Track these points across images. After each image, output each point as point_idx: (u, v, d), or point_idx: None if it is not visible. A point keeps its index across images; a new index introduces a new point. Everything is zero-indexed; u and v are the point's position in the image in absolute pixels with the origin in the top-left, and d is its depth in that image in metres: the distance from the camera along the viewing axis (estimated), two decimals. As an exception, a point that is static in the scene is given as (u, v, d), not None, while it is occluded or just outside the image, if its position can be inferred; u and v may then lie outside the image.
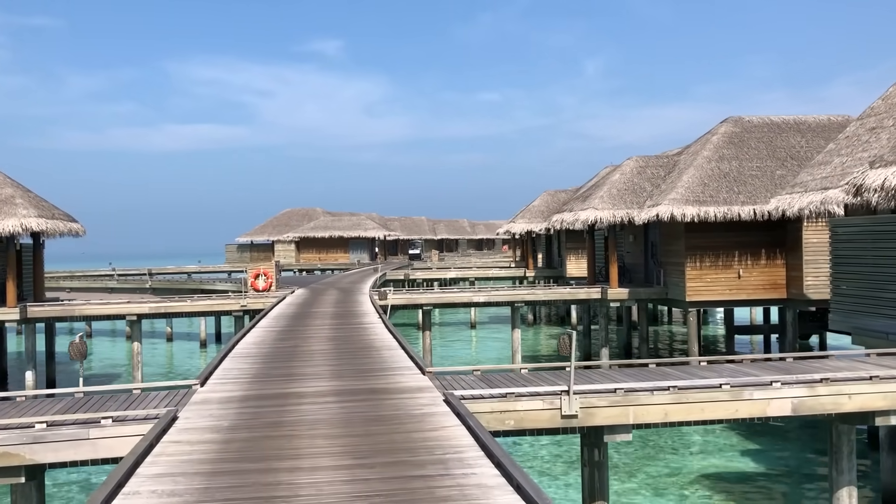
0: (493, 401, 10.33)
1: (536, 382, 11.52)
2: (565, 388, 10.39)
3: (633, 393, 10.54)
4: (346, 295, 31.13)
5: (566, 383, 10.57)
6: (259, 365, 13.63)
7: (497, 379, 11.99)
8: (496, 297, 30.89)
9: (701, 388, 10.68)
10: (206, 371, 12.54)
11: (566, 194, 51.77)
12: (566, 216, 31.67)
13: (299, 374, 12.60)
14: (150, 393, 11.60)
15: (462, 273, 51.42)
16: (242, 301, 29.78)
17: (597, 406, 10.39)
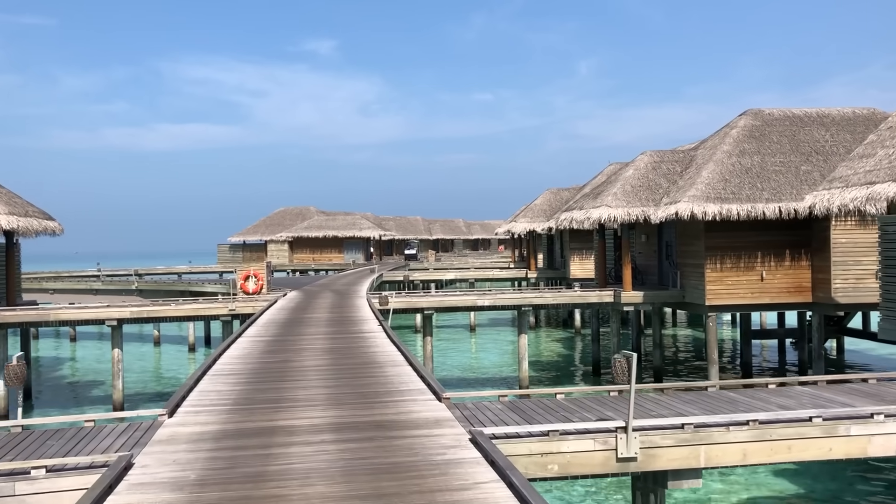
0: (531, 440, 8.21)
1: (577, 412, 9.41)
2: (621, 423, 8.27)
3: (705, 429, 8.43)
4: (342, 298, 28.97)
5: (619, 414, 8.46)
6: (243, 386, 11.46)
7: (530, 408, 9.87)
8: (502, 301, 28.77)
9: (787, 423, 8.58)
10: (178, 396, 10.37)
11: (569, 192, 49.70)
12: (576, 214, 29.55)
13: (290, 399, 10.45)
14: (107, 426, 9.43)
15: (461, 274, 49.30)
16: (231, 305, 27.59)
17: (660, 446, 8.30)
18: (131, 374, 36.27)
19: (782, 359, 37.17)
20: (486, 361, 37.79)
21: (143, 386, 33.11)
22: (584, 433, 8.38)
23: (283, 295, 30.52)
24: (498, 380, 32.38)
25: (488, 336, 46.81)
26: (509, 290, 32.13)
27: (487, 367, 35.83)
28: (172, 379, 34.68)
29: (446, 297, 28.70)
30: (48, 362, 41.58)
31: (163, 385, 33.18)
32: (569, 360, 37.93)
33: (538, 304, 29.05)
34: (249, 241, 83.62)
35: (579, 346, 42.33)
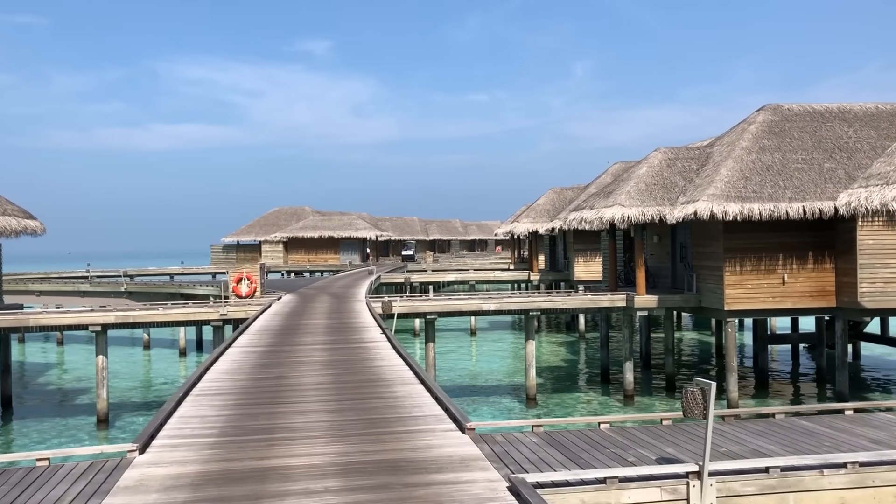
0: (584, 489, 6.65)
1: (629, 447, 7.83)
2: (693, 466, 6.69)
3: (794, 473, 6.86)
4: (340, 302, 27.37)
5: (682, 452, 6.88)
6: (231, 410, 9.87)
7: (571, 442, 8.27)
8: (509, 305, 27.20)
9: (891, 465, 7.02)
10: (153, 426, 8.75)
11: (573, 192, 48.17)
12: (587, 214, 27.99)
13: (285, 428, 8.86)
14: (64, 465, 7.81)
15: (462, 276, 47.73)
16: (222, 309, 25.97)
17: (741, 494, 6.74)
18: (119, 381, 34.60)
19: (796, 365, 35.72)
20: (489, 367, 36.22)
21: (131, 394, 31.45)
22: (648, 479, 6.81)
23: (277, 298, 28.92)
24: (504, 388, 30.79)
25: (489, 340, 45.26)
26: (516, 293, 30.55)
27: (490, 374, 34.27)
28: (161, 389, 33.03)
29: (450, 301, 27.13)
30: (34, 368, 39.86)
31: (151, 393, 31.52)
32: (575, 367, 36.38)
33: (547, 308, 27.48)
34: (243, 242, 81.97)
35: (585, 352, 40.76)
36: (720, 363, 37.03)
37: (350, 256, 74.80)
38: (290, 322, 20.81)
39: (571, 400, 28.53)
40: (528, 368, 27.93)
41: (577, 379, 33.30)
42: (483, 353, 41.28)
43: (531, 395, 27.95)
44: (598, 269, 44.09)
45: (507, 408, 27.19)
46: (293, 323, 20.56)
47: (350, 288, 35.90)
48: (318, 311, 24.15)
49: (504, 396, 29.24)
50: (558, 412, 26.69)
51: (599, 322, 32.71)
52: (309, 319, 21.42)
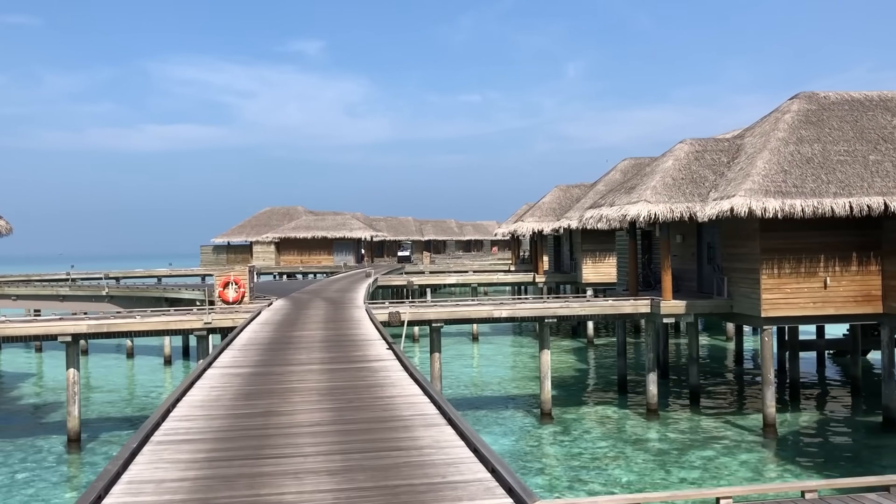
0: None
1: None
2: None
3: None
4: (337, 309, 24.79)
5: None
6: (199, 471, 7.28)
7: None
8: (522, 312, 24.68)
9: None
10: (94, 493, 6.15)
11: (579, 190, 45.71)
12: (607, 212, 25.48)
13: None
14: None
15: (463, 278, 45.18)
16: (206, 317, 23.35)
17: None
18: (98, 393, 31.96)
19: (822, 373, 33.30)
20: (494, 376, 33.68)
21: (110, 408, 28.82)
22: None
23: (267, 304, 26.32)
24: (514, 401, 28.25)
25: (491, 345, 42.74)
26: (528, 298, 28.01)
27: (496, 384, 31.73)
28: (144, 404, 30.38)
29: (458, 308, 24.58)
30: (8, 378, 37.13)
31: (132, 406, 28.87)
32: (588, 376, 33.85)
33: (565, 315, 24.97)
34: (234, 243, 79.18)
35: (596, 359, 38.24)
36: (738, 371, 34.61)
37: (344, 257, 72.16)
38: (282, 334, 18.22)
39: (590, 414, 26.03)
40: (542, 380, 25.43)
41: (592, 389, 30.78)
42: (486, 359, 38.75)
43: (546, 410, 25.44)
44: (609, 271, 41.63)
45: (521, 426, 24.66)
46: (285, 335, 17.97)
47: (346, 292, 33.31)
48: (313, 319, 21.56)
49: (515, 411, 26.71)
50: (577, 428, 24.21)
51: (616, 328, 30.18)
52: (303, 330, 18.83)
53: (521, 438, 23.11)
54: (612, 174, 43.36)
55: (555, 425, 24.55)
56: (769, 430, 23.13)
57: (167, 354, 39.48)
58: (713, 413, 25.99)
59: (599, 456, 21.19)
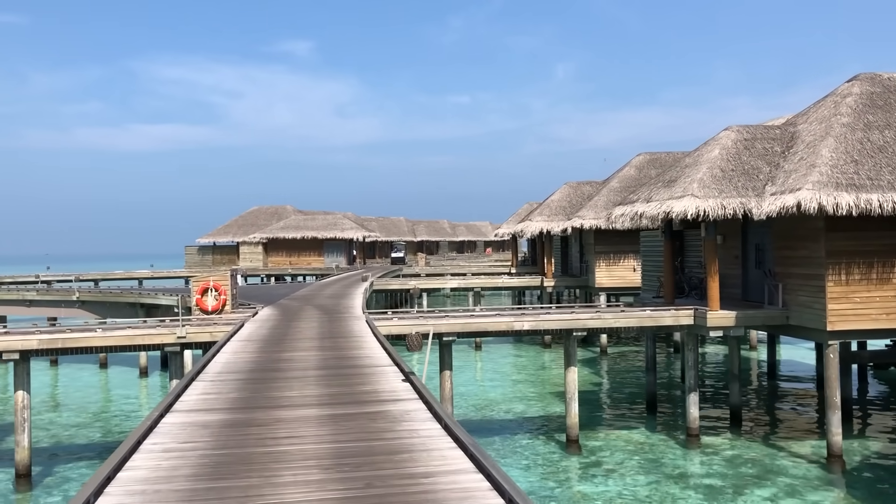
0: None
1: None
2: None
3: None
4: (334, 320, 21.28)
5: None
6: None
7: None
8: (548, 324, 21.23)
9: None
10: None
11: (591, 187, 42.38)
12: (643, 208, 22.06)
13: None
14: None
15: (465, 282, 41.68)
16: (180, 331, 19.81)
17: None
18: (62, 412, 28.31)
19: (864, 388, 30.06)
20: (501, 392, 30.20)
21: (73, 432, 25.19)
22: None
23: (252, 314, 22.78)
24: (530, 423, 24.79)
25: (495, 355, 39.28)
26: (552, 307, 24.59)
27: (508, 403, 28.25)
28: (113, 421, 26.79)
29: (473, 320, 21.12)
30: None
31: (99, 431, 25.20)
32: (608, 393, 30.41)
33: (596, 327, 21.56)
34: (220, 243, 75.45)
35: (613, 372, 34.80)
36: (772, 385, 31.30)
37: (335, 259, 68.56)
38: (268, 356, 14.70)
39: (620, 440, 22.62)
40: (568, 403, 22.02)
41: (617, 408, 27.37)
42: (491, 371, 35.26)
43: (573, 437, 22.03)
44: (624, 275, 38.32)
45: (544, 456, 21.21)
46: (271, 358, 14.45)
47: (341, 298, 29.78)
48: (306, 334, 18.05)
49: (534, 436, 23.27)
50: (609, 459, 20.81)
51: (645, 339, 26.79)
52: (294, 350, 15.33)
53: (548, 473, 19.67)
54: (626, 170, 40.04)
55: (583, 455, 21.15)
56: (835, 462, 19.83)
57: (143, 365, 35.86)
58: (760, 438, 22.67)
59: (642, 498, 17.82)
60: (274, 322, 21.01)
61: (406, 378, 11.75)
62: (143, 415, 27.38)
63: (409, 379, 11.55)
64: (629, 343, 41.97)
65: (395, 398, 10.45)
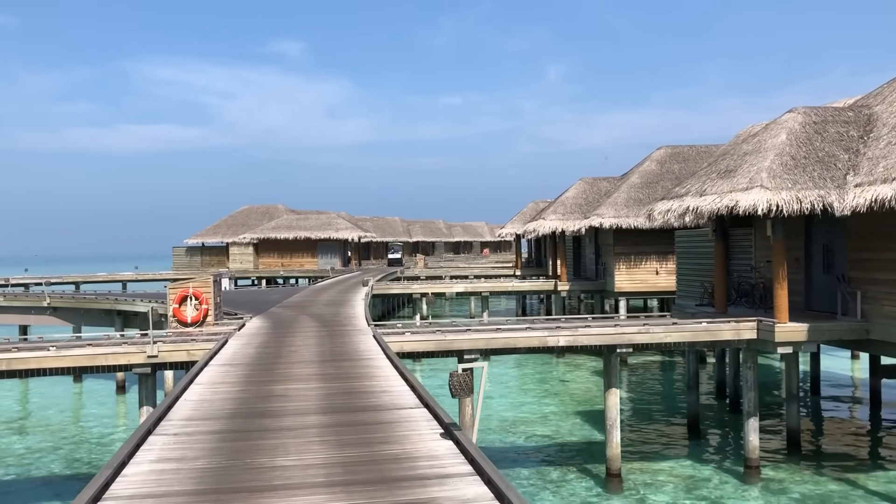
0: None
1: None
2: None
3: None
4: (334, 335, 17.87)
5: None
6: None
7: None
8: (588, 339, 17.87)
9: None
10: None
11: (608, 182, 39.11)
12: (696, 202, 18.70)
13: None
14: None
15: (472, 286, 38.29)
16: (150, 348, 16.37)
17: None
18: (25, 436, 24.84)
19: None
20: (515, 410, 26.76)
21: (38, 458, 21.75)
22: None
23: (238, 327, 19.35)
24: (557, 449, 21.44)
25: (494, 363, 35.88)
26: (587, 318, 21.25)
27: (527, 422, 24.89)
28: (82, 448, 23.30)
29: (499, 335, 17.74)
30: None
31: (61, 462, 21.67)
32: (641, 412, 27.00)
33: (644, 342, 18.21)
34: (209, 244, 71.87)
35: (639, 385, 31.39)
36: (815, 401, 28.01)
37: (330, 261, 65.04)
38: (255, 389, 11.29)
39: (666, 472, 19.30)
40: (609, 431, 18.68)
41: (653, 432, 24.02)
42: (500, 385, 31.80)
43: (614, 471, 18.64)
44: (646, 278, 35.04)
45: (581, 493, 17.90)
46: (259, 393, 11.04)
47: (340, 305, 26.37)
48: (302, 355, 14.63)
49: (565, 468, 19.89)
50: (657, 497, 17.52)
51: (687, 353, 23.46)
52: (288, 381, 11.91)
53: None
54: (646, 164, 36.77)
55: (627, 493, 17.82)
56: (930, 503, 16.55)
57: (120, 379, 32.33)
58: (827, 468, 19.40)
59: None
60: (263, 337, 17.58)
61: (447, 433, 8.36)
62: (117, 439, 23.95)
63: (452, 434, 8.17)
64: (651, 352, 38.64)
65: (439, 470, 7.06)
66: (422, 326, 18.97)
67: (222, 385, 11.57)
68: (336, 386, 11.35)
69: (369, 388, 11.17)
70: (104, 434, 24.82)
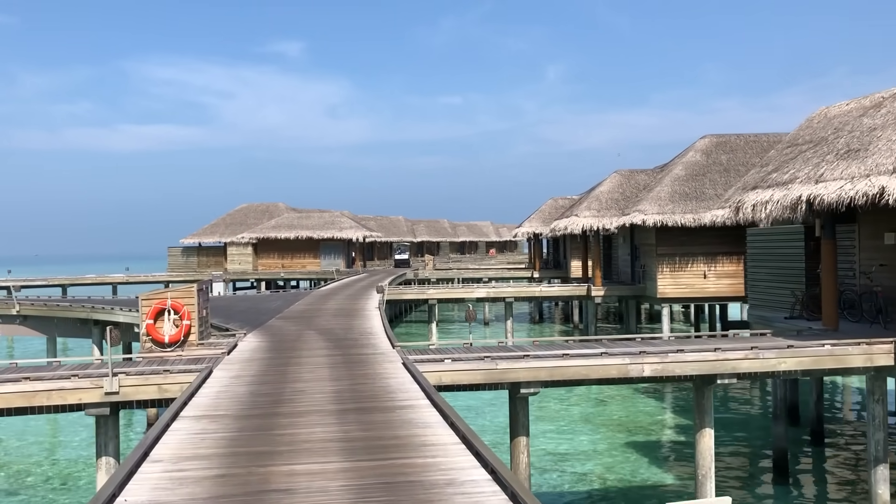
0: None
1: None
2: None
3: None
4: (352, 362, 13.64)
5: None
6: None
7: None
8: (681, 367, 13.64)
9: None
10: None
11: (646, 175, 34.98)
12: (813, 190, 14.50)
13: None
14: None
15: (494, 291, 34.03)
16: (109, 383, 12.16)
17: None
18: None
19: None
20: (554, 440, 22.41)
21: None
22: None
23: (227, 350, 15.12)
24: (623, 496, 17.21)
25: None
26: (670, 337, 16.99)
27: (568, 458, 20.54)
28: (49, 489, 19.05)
29: (568, 362, 13.50)
30: None
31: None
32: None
33: (750, 370, 13.97)
34: (206, 244, 67.57)
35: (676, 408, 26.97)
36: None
37: (333, 262, 60.78)
38: (244, 467, 7.08)
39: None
40: (700, 482, 14.53)
41: (730, 469, 19.69)
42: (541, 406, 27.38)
43: (709, 534, 14.34)
44: (693, 282, 30.90)
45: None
46: (250, 478, 6.81)
47: (353, 317, 22.15)
48: (313, 399, 10.39)
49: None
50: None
51: (775, 384, 19.17)
52: (294, 456, 7.67)
53: None
54: (690, 155, 32.60)
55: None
56: None
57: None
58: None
59: None
60: (259, 364, 13.37)
61: None
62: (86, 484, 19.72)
63: None
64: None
65: None
66: (464, 350, 14.71)
67: (191, 465, 7.32)
68: (368, 468, 7.11)
69: (421, 471, 6.94)
70: (71, 474, 20.58)
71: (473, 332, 46.39)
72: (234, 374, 12.41)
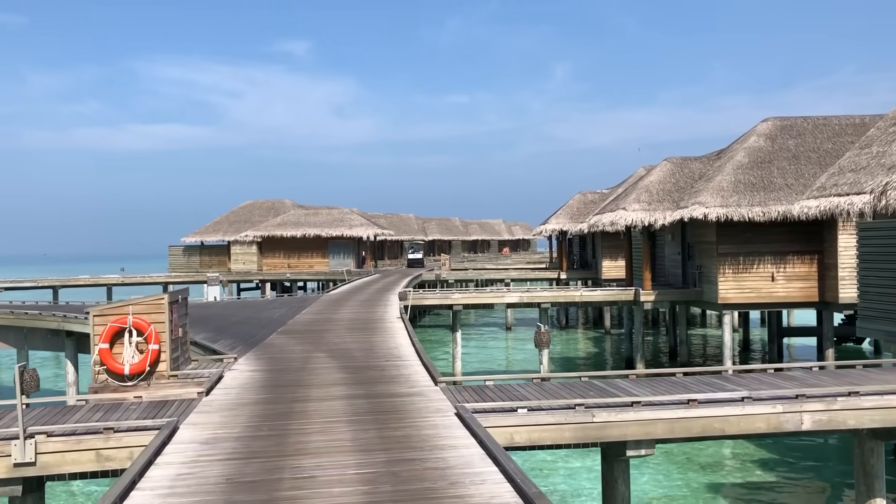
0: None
1: None
2: None
3: None
4: (381, 407, 9.42)
5: None
6: None
7: None
8: (853, 416, 9.44)
9: None
10: None
11: (700, 163, 30.66)
12: None
13: None
14: None
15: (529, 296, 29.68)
16: (18, 449, 7.95)
17: None
18: None
19: None
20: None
21: None
22: None
23: (208, 387, 10.89)
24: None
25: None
26: (853, 374, 12.60)
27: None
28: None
29: (692, 413, 9.24)
30: None
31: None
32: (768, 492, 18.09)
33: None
34: (209, 242, 63.37)
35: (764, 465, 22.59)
36: None
37: (342, 261, 56.56)
38: None
39: None
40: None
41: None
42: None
43: None
44: (759, 286, 26.65)
45: None
46: None
47: (372, 332, 17.88)
48: (328, 479, 6.16)
49: None
50: None
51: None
52: None
53: None
54: (753, 140, 28.29)
55: None
56: None
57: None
58: None
59: None
60: (249, 416, 9.15)
61: None
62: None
63: None
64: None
65: None
66: (539, 391, 10.39)
67: None
68: None
69: None
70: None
71: (496, 338, 42.13)
72: (208, 436, 8.19)
